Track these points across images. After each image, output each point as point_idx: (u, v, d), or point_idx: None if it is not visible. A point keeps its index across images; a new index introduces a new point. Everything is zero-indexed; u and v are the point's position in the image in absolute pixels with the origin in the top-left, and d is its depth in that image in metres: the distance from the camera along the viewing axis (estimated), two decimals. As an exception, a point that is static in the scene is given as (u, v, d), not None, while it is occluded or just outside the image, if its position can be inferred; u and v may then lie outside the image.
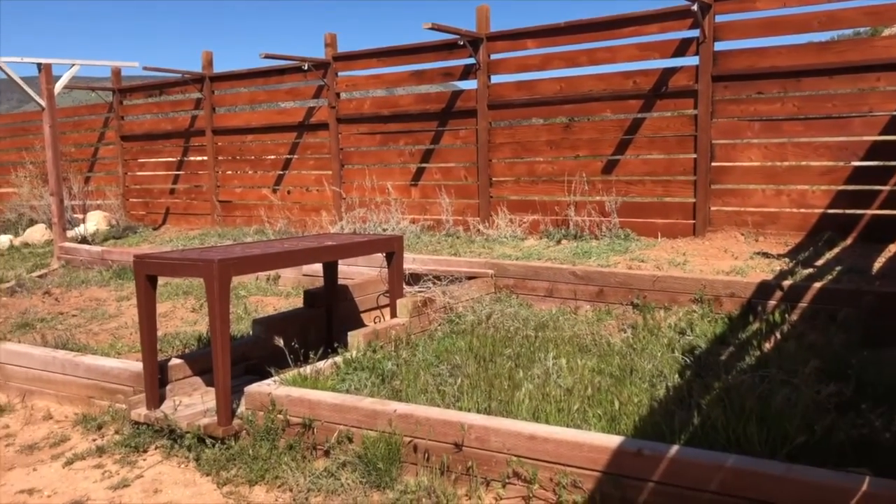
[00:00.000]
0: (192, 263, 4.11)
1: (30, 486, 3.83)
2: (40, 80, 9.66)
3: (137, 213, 12.34)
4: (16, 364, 5.12)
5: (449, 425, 3.33)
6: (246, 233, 9.81)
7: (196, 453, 3.90)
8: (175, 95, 11.87)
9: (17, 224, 12.42)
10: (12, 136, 15.08)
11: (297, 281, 7.28)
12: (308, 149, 10.30)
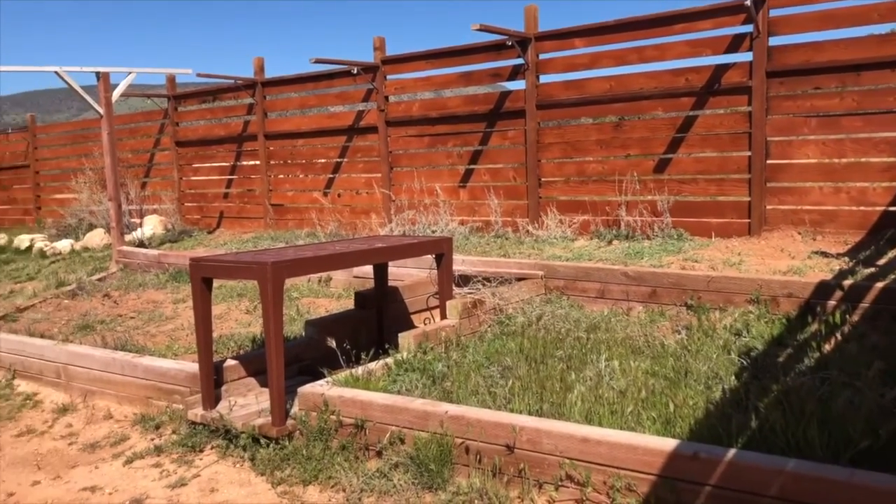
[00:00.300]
0: (247, 266, 4.18)
1: (92, 484, 3.93)
2: (99, 89, 9.94)
3: (192, 217, 12.60)
4: (78, 365, 5.27)
5: (500, 427, 3.32)
6: (298, 235, 9.93)
7: (251, 453, 3.96)
8: (228, 101, 12.10)
9: (77, 229, 12.78)
10: (73, 144, 15.55)
11: (348, 283, 7.34)
12: (357, 152, 10.39)
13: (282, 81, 11.22)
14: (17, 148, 16.42)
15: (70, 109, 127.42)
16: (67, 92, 10.19)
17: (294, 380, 4.57)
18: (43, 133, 16.17)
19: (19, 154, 16.24)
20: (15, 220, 16.13)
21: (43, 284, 8.85)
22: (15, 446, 4.60)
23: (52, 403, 5.23)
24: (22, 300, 8.03)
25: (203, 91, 12.53)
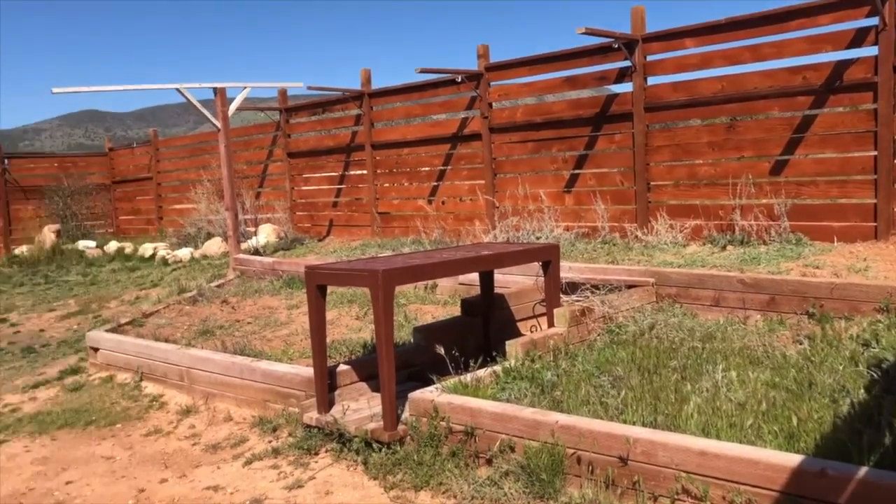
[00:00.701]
0: (359, 274, 4.28)
1: (215, 483, 4.11)
2: (216, 104, 10.41)
3: (303, 225, 13.01)
4: (200, 368, 5.53)
5: (613, 438, 3.26)
6: (403, 243, 10.08)
7: (364, 457, 4.04)
8: (336, 113, 12.43)
9: (196, 237, 13.42)
10: (191, 156, 16.35)
11: (454, 289, 7.39)
12: (461, 159, 10.46)
13: (387, 92, 11.44)
14: (140, 161, 17.42)
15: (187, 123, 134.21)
16: (185, 107, 10.74)
17: (404, 385, 4.63)
18: (164, 147, 17.09)
19: (143, 167, 17.21)
20: (139, 229, 17.10)
21: (166, 291, 9.33)
22: (144, 445, 4.86)
23: (177, 405, 5.50)
24: (147, 306, 8.49)
25: (313, 103, 12.93)
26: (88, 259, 13.81)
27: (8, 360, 7.76)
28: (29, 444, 5.07)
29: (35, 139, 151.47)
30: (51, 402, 5.95)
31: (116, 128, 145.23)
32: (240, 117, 21.39)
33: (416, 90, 10.97)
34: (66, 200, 16.72)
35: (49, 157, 20.24)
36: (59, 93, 9.20)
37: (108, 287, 11.08)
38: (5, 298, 11.29)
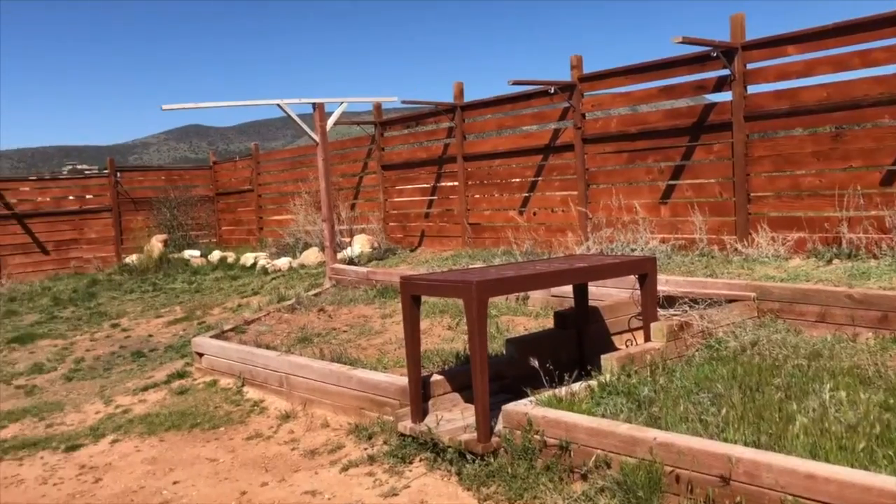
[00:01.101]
0: (453, 285, 4.33)
1: (313, 489, 4.22)
2: (314, 118, 10.73)
3: (396, 236, 13.21)
4: (298, 375, 5.69)
5: (714, 457, 3.18)
6: (494, 254, 10.10)
7: (457, 467, 4.07)
8: (429, 126, 12.59)
9: (294, 247, 13.83)
10: (291, 169, 16.87)
11: (546, 301, 7.35)
12: (553, 170, 10.41)
13: (480, 104, 11.51)
14: (242, 174, 18.09)
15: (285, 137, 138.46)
16: (284, 121, 11.09)
17: (496, 397, 4.63)
18: (265, 160, 17.70)
19: (244, 180, 17.87)
20: (240, 239, 17.74)
21: (266, 299, 9.65)
22: (245, 448, 5.04)
23: (276, 410, 5.68)
24: (248, 313, 8.80)
25: (406, 117, 13.14)
26: (193, 267, 14.43)
27: (119, 364, 8.20)
28: (139, 444, 5.34)
29: (143, 153, 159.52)
30: (159, 404, 6.25)
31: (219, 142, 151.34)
32: (335, 131, 21.92)
33: (507, 102, 10.99)
34: (173, 211, 17.51)
35: (157, 170, 21.26)
36: (169, 109, 9.68)
37: (211, 295, 11.54)
38: (117, 304, 11.92)
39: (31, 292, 13.80)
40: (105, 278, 14.61)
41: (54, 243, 16.55)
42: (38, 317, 11.65)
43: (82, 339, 9.76)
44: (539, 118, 10.85)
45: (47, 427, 6.10)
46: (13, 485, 4.85)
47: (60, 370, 8.26)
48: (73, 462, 5.14)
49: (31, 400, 7.13)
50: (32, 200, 16.69)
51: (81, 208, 17.16)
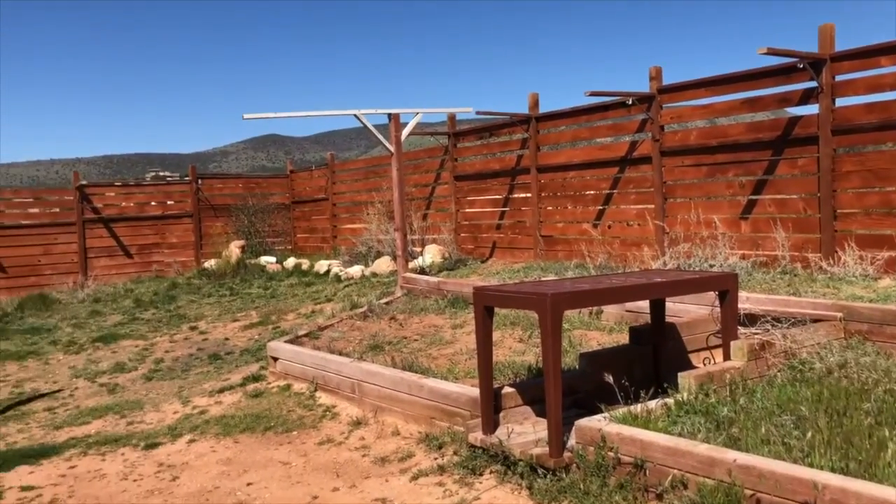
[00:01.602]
0: (527, 296, 4.29)
1: (383, 496, 4.23)
2: (390, 129, 10.84)
3: (467, 246, 13.22)
4: (370, 382, 5.73)
5: (798, 482, 3.05)
6: (566, 267, 9.99)
7: (528, 481, 4.02)
8: (502, 136, 12.58)
9: (366, 256, 13.99)
10: (364, 179, 17.10)
11: (620, 316, 7.22)
12: (629, 183, 10.25)
13: (555, 115, 11.44)
14: (317, 183, 18.43)
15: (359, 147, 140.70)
16: (357, 131, 11.29)
17: (568, 412, 4.56)
18: (339, 169, 17.99)
19: (319, 188, 18.19)
20: (315, 247, 18.06)
21: (339, 306, 9.78)
22: (317, 453, 5.10)
23: (348, 416, 5.73)
24: (322, 319, 8.93)
25: (479, 128, 13.16)
26: (269, 273, 14.74)
27: (197, 366, 8.42)
28: (215, 445, 5.46)
29: (222, 161, 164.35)
30: (234, 406, 6.38)
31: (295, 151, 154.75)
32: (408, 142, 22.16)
33: (583, 113, 10.89)
34: (251, 218, 17.95)
35: (236, 178, 21.86)
36: (250, 118, 9.93)
37: (286, 300, 11.77)
38: (195, 308, 12.27)
39: (115, 294, 14.34)
40: (184, 282, 15.07)
41: (137, 247, 17.17)
42: (120, 318, 12.09)
43: (162, 340, 10.08)
44: (615, 130, 10.72)
45: (128, 424, 6.31)
46: (96, 479, 5.02)
47: (141, 370, 8.54)
48: (151, 460, 5.29)
49: (114, 398, 7.39)
50: (117, 205, 17.36)
51: (164, 214, 17.77)
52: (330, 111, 11.21)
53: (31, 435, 6.34)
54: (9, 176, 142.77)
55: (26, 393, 7.96)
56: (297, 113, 10.71)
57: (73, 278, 15.89)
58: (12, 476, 5.21)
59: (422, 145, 16.18)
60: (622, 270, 9.04)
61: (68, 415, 6.90)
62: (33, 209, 16.89)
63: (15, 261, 15.81)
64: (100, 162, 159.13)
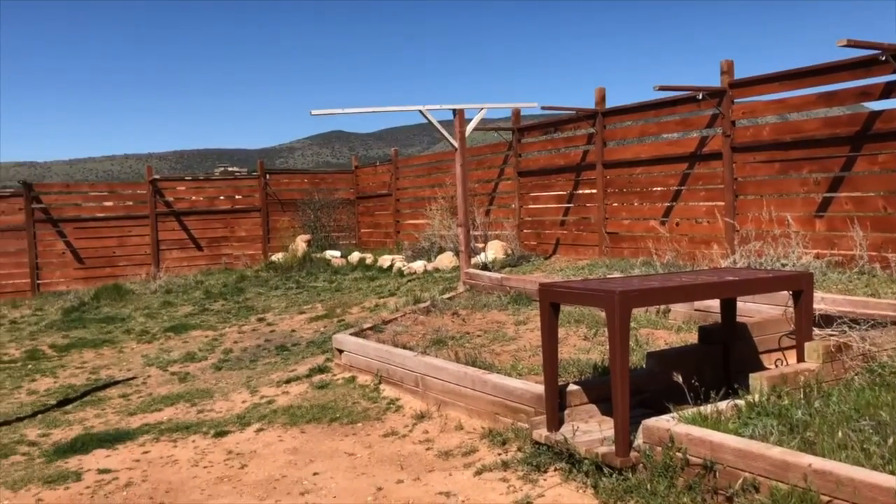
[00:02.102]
0: (594, 293, 4.24)
1: (447, 490, 4.24)
2: (454, 124, 10.86)
3: (530, 243, 13.16)
4: (433, 376, 5.75)
5: (880, 490, 2.94)
6: (632, 264, 9.85)
7: (593, 480, 3.98)
8: (567, 132, 12.47)
9: (429, 251, 14.05)
10: (427, 175, 17.18)
11: (689, 315, 7.08)
12: (699, 179, 10.03)
13: (622, 110, 11.28)
14: (382, 178, 18.59)
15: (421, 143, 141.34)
16: (420, 127, 11.37)
17: (634, 411, 4.48)
18: (403, 165, 18.12)
19: (383, 184, 18.35)
20: (378, 241, 18.23)
21: (402, 300, 9.84)
22: (382, 445, 5.14)
23: (411, 409, 5.77)
24: (386, 313, 9.00)
25: (544, 123, 13.07)
26: (334, 267, 14.95)
27: (264, 356, 8.60)
28: (282, 435, 5.56)
29: (289, 157, 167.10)
30: (300, 397, 6.49)
31: (359, 147, 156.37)
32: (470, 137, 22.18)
33: (652, 108, 10.71)
34: (317, 213, 18.22)
35: (302, 174, 22.21)
36: (317, 114, 10.08)
37: (350, 294, 11.92)
38: (263, 300, 12.53)
39: (186, 285, 14.75)
40: (252, 274, 15.40)
41: (207, 240, 17.62)
42: (191, 308, 12.43)
43: (230, 331, 10.32)
44: (685, 125, 10.50)
45: (198, 412, 6.48)
46: (168, 464, 5.18)
47: (210, 359, 8.76)
48: (221, 447, 5.43)
49: (185, 386, 7.60)
50: (188, 199, 17.84)
51: (233, 208, 18.19)
52: (395, 107, 11.29)
53: (107, 420, 6.57)
54: (85, 170, 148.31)
55: (102, 379, 8.26)
56: (364, 109, 10.82)
57: (146, 270, 16.41)
58: (90, 459, 5.41)
59: (485, 141, 16.16)
60: (690, 269, 8.86)
61: (141, 402, 7.12)
62: (108, 202, 17.49)
63: (91, 252, 16.42)
64: (170, 157, 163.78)
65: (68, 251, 16.23)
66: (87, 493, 4.73)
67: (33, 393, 7.88)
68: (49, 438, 6.14)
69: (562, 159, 12.63)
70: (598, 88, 11.55)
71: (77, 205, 17.11)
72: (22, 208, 15.79)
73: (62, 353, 9.80)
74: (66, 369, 8.92)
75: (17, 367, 9.18)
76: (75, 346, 10.13)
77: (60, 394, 7.72)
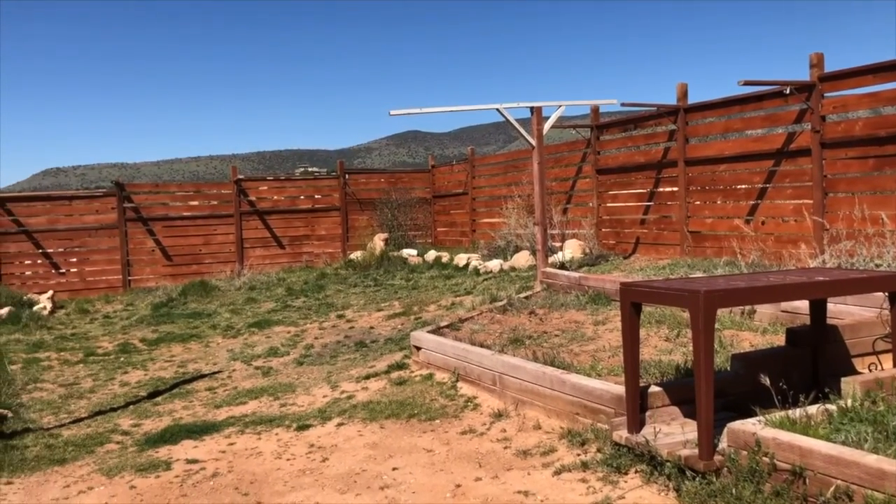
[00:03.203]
0: (678, 293, 4.15)
1: (525, 489, 4.24)
2: (532, 122, 10.80)
3: (608, 242, 12.98)
4: (511, 375, 5.75)
5: None
6: (715, 264, 9.60)
7: (675, 483, 3.90)
8: (648, 129, 12.24)
9: (505, 250, 14.02)
10: (503, 173, 17.14)
11: (775, 317, 6.86)
12: (786, 177, 9.70)
13: (705, 106, 11.00)
14: (458, 177, 18.65)
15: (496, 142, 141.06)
16: (495, 126, 11.38)
17: (718, 414, 4.38)
18: (479, 164, 18.13)
19: (459, 183, 18.41)
20: (454, 240, 18.30)
21: (479, 299, 9.86)
22: (460, 442, 5.17)
23: (489, 408, 5.77)
24: (462, 312, 9.04)
25: (624, 120, 12.87)
26: (410, 266, 15.09)
27: (344, 352, 8.75)
28: (362, 430, 5.65)
29: (366, 157, 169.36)
30: (379, 392, 6.58)
31: (434, 147, 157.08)
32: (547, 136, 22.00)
33: (735, 103, 10.40)
34: (394, 212, 18.42)
35: (379, 173, 22.47)
36: (396, 114, 10.18)
37: (427, 292, 12.01)
38: (342, 297, 12.75)
39: (268, 282, 15.14)
40: (332, 272, 15.69)
41: (289, 238, 18.04)
42: (273, 305, 12.75)
43: (311, 327, 10.54)
44: (772, 121, 10.17)
45: (281, 406, 6.65)
46: (252, 456, 5.33)
47: (292, 355, 8.97)
48: (303, 440, 5.55)
49: (268, 380, 7.81)
50: (270, 199, 18.30)
51: (313, 207, 18.56)
52: (473, 106, 11.30)
53: (194, 412, 6.81)
54: (172, 171, 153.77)
55: (189, 373, 8.56)
56: (441, 108, 10.88)
57: (231, 267, 16.91)
58: (179, 449, 5.62)
59: (561, 139, 16.01)
60: (776, 268, 8.58)
61: (227, 395, 7.36)
62: (193, 202, 18.10)
63: (179, 250, 17.04)
64: (253, 158, 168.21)
65: (157, 249, 16.88)
66: (177, 482, 4.92)
67: (125, 385, 8.24)
68: (140, 428, 6.40)
69: (642, 156, 12.41)
70: (680, 84, 11.30)
71: (165, 204, 17.77)
72: (114, 207, 16.51)
73: (152, 347, 10.21)
74: (155, 362, 9.28)
75: (111, 359, 9.61)
76: (164, 341, 10.53)
77: (150, 386, 8.04)
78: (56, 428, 6.54)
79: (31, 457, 5.67)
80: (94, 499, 4.74)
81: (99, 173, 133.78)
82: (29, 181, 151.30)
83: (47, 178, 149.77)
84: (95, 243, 16.41)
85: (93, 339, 11.02)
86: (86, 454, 5.73)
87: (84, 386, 8.21)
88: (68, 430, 6.49)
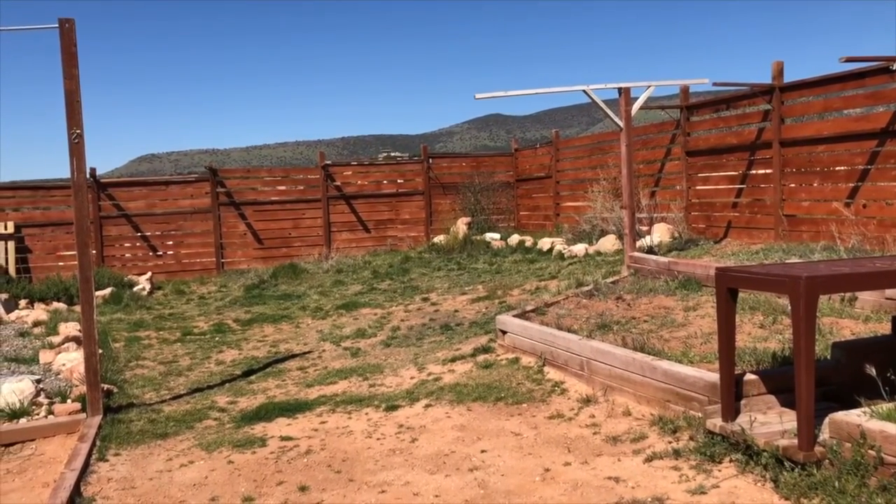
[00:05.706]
0: (776, 279, 4.02)
1: (616, 475, 4.20)
2: (619, 103, 10.58)
3: (698, 226, 12.65)
4: (599, 361, 5.69)
5: None
6: (812, 249, 9.23)
7: (773, 474, 3.80)
8: (740, 109, 11.83)
9: (590, 234, 13.84)
10: (589, 156, 16.91)
11: (878, 304, 6.55)
12: (890, 157, 9.22)
13: (801, 85, 10.55)
14: (542, 161, 18.50)
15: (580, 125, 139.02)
16: (578, 108, 11.22)
17: (818, 404, 4.23)
18: (563, 147, 17.92)
19: (542, 166, 18.26)
20: (537, 224, 18.18)
21: (564, 283, 9.78)
22: (547, 427, 5.16)
23: (576, 393, 5.74)
24: (547, 296, 8.98)
25: (715, 100, 12.47)
26: (493, 250, 15.08)
27: (429, 335, 8.84)
28: (449, 411, 5.71)
29: (448, 141, 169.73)
30: (465, 375, 6.63)
31: (516, 130, 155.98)
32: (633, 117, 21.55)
33: (835, 81, 9.94)
34: (476, 196, 18.43)
35: (462, 157, 22.51)
36: (481, 98, 10.16)
37: (510, 276, 11.99)
38: (426, 280, 12.87)
39: (355, 265, 15.41)
40: (416, 256, 15.84)
41: (374, 222, 18.31)
42: (360, 287, 12.98)
43: (397, 309, 10.69)
44: (876, 99, 9.67)
45: (370, 387, 6.78)
46: (343, 435, 5.46)
47: (379, 336, 9.12)
48: (392, 421, 5.65)
49: (356, 361, 7.97)
50: (354, 183, 18.58)
51: (397, 191, 18.76)
52: (558, 88, 11.13)
53: (287, 391, 7.02)
54: (260, 156, 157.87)
55: (281, 353, 8.82)
56: (526, 91, 10.77)
57: (318, 250, 17.30)
58: (273, 426, 5.81)
59: (647, 120, 15.65)
60: (878, 254, 8.19)
61: (317, 374, 7.55)
62: (281, 186, 18.56)
63: (269, 233, 17.53)
64: (338, 143, 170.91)
65: (248, 232, 17.41)
66: (272, 458, 5.09)
67: (221, 363, 8.55)
68: (236, 406, 6.64)
69: (734, 138, 12.01)
70: (776, 62, 10.87)
71: (254, 189, 18.29)
72: (208, 192, 17.10)
73: (245, 327, 10.56)
74: (248, 342, 9.60)
75: (206, 339, 9.99)
76: (256, 321, 10.88)
77: (245, 365, 8.32)
78: (157, 404, 6.85)
79: (135, 430, 5.96)
80: (196, 472, 4.95)
81: (191, 159, 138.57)
82: (126, 167, 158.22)
83: (143, 163, 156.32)
84: (190, 227, 17.05)
85: (189, 319, 11.47)
86: (185, 429, 5.98)
87: (182, 364, 8.56)
88: (168, 405, 6.78)
